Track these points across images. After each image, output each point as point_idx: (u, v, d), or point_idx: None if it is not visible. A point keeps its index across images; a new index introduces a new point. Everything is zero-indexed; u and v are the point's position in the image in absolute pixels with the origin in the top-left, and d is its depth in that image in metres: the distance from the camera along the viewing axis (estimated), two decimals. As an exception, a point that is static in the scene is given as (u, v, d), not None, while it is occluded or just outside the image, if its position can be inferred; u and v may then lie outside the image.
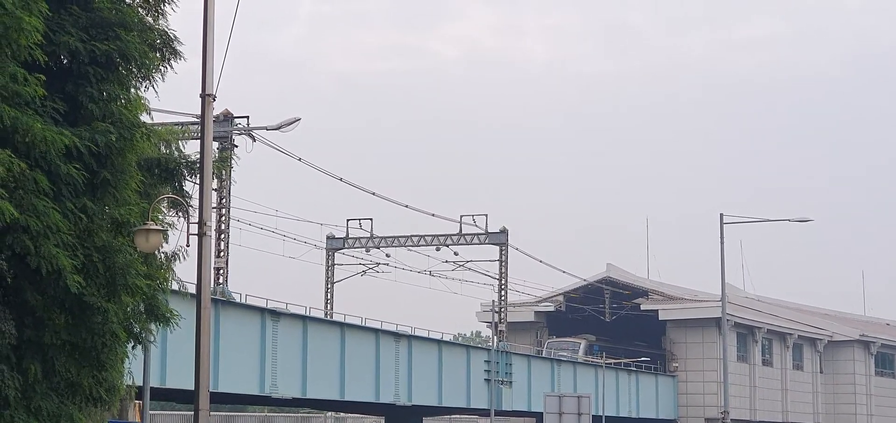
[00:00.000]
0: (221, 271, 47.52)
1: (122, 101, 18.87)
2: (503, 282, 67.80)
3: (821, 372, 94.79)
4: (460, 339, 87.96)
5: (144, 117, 19.95)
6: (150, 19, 19.68)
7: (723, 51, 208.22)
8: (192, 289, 25.01)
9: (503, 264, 67.64)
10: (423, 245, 67.77)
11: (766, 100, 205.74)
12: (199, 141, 21.44)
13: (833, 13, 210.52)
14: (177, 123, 37.91)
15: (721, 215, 53.53)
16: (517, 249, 68.64)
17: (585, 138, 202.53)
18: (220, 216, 47.49)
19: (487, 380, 64.48)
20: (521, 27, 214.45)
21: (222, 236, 47.96)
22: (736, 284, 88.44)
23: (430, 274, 68.74)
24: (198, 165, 22.56)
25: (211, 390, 21.23)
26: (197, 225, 20.57)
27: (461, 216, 67.11)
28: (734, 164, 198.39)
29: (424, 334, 60.74)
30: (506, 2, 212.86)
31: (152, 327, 21.86)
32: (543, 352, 71.28)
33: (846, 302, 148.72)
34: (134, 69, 19.08)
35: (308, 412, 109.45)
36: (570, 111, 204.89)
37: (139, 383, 30.89)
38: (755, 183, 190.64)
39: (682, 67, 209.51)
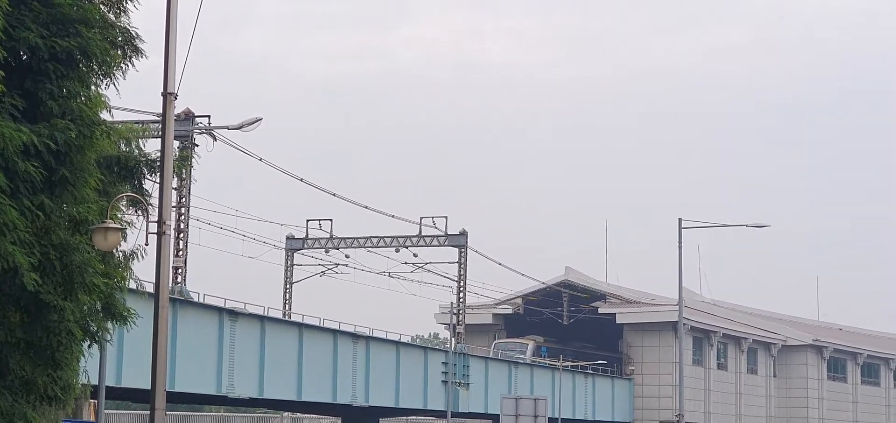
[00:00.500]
0: (180, 271, 47.29)
1: (83, 98, 18.73)
2: (462, 284, 67.88)
3: (774, 376, 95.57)
4: (418, 341, 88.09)
5: (105, 115, 19.81)
6: (111, 16, 19.54)
7: (682, 56, 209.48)
8: (149, 288, 24.89)
9: (462, 266, 67.73)
10: (382, 247, 67.74)
11: (724, 107, 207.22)
12: (159, 139, 21.33)
13: (792, 24, 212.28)
14: (137, 122, 37.67)
15: (679, 219, 53.88)
16: (476, 251, 68.81)
17: (544, 142, 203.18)
18: (180, 215, 47.24)
19: (445, 382, 64.55)
20: (480, 30, 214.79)
21: (181, 235, 47.72)
22: (693, 288, 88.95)
23: (389, 275, 68.77)
24: (158, 164, 22.45)
25: (167, 389, 21.11)
26: (156, 224, 20.46)
27: (421, 218, 67.21)
28: (693, 169, 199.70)
29: (382, 336, 60.74)
30: (466, 5, 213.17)
31: (109, 325, 21.73)
32: (490, 353, 71.32)
33: (800, 307, 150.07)
34: (95, 66, 18.93)
35: (265, 413, 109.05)
36: (530, 114, 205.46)
37: (94, 382, 30.69)
38: (713, 188, 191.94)
39: (641, 72, 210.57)
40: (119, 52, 19.50)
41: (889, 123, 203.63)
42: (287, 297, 67.02)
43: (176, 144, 41.91)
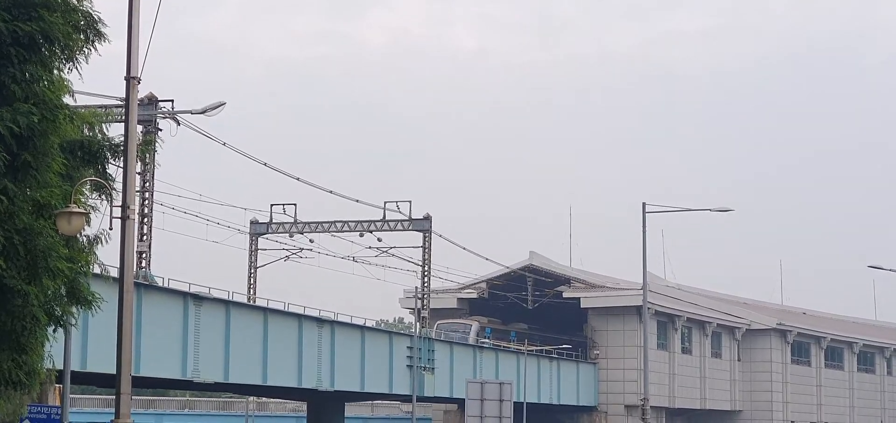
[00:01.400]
0: (144, 255, 47.23)
1: (45, 82, 18.70)
2: (426, 268, 68.04)
3: (739, 360, 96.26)
4: (383, 325, 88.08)
5: (68, 99, 19.78)
6: (74, 0, 19.51)
7: (648, 43, 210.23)
8: (114, 272, 24.87)
9: (426, 250, 67.88)
10: (346, 231, 67.78)
11: (690, 93, 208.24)
12: (123, 124, 21.32)
13: (756, 10, 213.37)
14: (101, 106, 37.61)
15: (643, 203, 54.07)
16: (440, 235, 68.97)
17: (510, 127, 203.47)
18: (144, 200, 47.17)
19: (410, 366, 64.70)
20: (449, 16, 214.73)
21: (145, 219, 47.63)
22: (657, 272, 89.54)
23: (353, 260, 68.85)
24: (121, 149, 22.41)
25: (133, 374, 21.15)
26: (120, 208, 20.46)
27: (385, 203, 67.30)
28: (658, 154, 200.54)
29: (347, 320, 60.81)
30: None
31: (74, 310, 21.71)
32: (433, 334, 71.31)
33: (764, 291, 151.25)
34: (57, 51, 18.90)
35: (230, 397, 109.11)
36: (496, 100, 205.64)
37: (60, 366, 30.60)
38: (678, 173, 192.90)
39: (608, 59, 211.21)
40: (82, 36, 19.47)
41: (851, 105, 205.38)
42: (252, 281, 66.99)
43: (139, 128, 41.79)
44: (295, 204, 67.82)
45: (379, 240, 68.18)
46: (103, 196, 22.70)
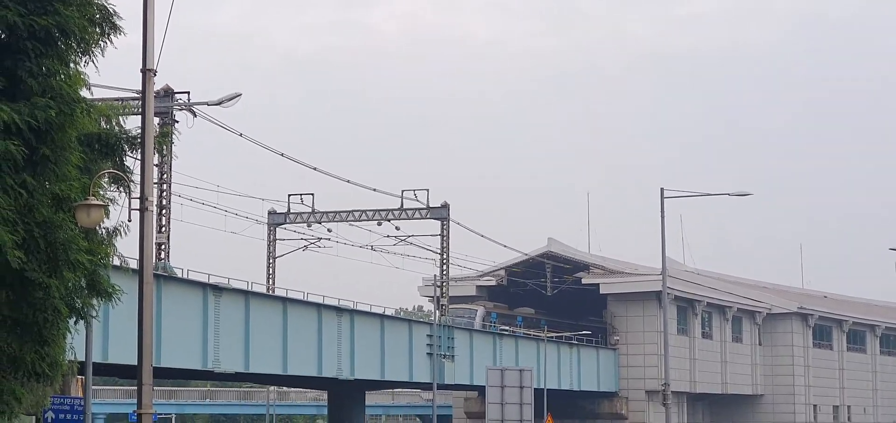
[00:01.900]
0: (163, 247, 47.38)
1: (62, 76, 18.75)
2: (445, 256, 68.05)
3: (760, 344, 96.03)
4: (402, 313, 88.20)
5: (84, 93, 19.82)
6: (89, -6, 19.56)
7: (664, 26, 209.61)
8: (133, 264, 24.99)
9: (445, 238, 67.89)
10: (364, 220, 67.84)
11: (708, 75, 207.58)
12: (140, 116, 21.39)
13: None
14: (117, 99, 37.71)
15: (661, 189, 53.87)
16: (458, 223, 69.01)
17: (526, 113, 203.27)
18: (162, 192, 47.32)
19: (430, 354, 64.76)
20: (460, 3, 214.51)
21: (164, 211, 47.79)
22: (676, 258, 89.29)
23: (371, 249, 68.90)
24: (139, 141, 22.49)
25: (153, 365, 21.25)
26: (138, 200, 20.53)
27: (403, 191, 67.34)
28: (675, 138, 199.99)
29: (366, 309, 60.90)
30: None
31: (94, 302, 21.80)
32: (441, 319, 70.84)
33: (784, 275, 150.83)
34: (73, 44, 18.94)
35: (251, 387, 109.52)
36: (511, 86, 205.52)
37: (81, 358, 30.80)
38: (696, 157, 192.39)
39: (624, 43, 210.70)
40: (97, 29, 19.50)
41: (873, 87, 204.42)
42: (270, 272, 67.13)
43: (156, 120, 41.93)
44: (312, 194, 68.00)
45: (397, 229, 68.25)
46: (121, 188, 22.80)
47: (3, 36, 18.27)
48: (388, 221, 67.85)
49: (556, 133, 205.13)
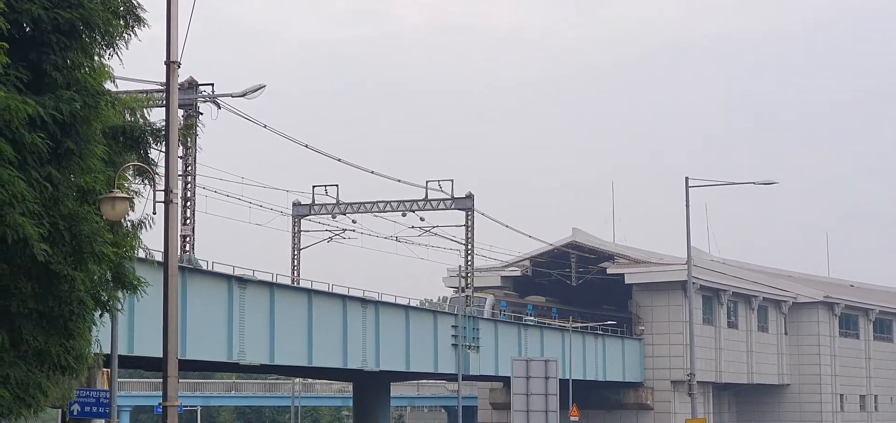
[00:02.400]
0: (188, 239, 47.47)
1: (86, 69, 18.76)
2: (469, 247, 67.99)
3: (786, 334, 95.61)
4: (427, 304, 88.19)
5: (109, 85, 19.83)
6: (113, -14, 19.55)
7: (690, 12, 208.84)
8: (158, 257, 25.02)
9: (469, 229, 67.83)
10: (389, 211, 67.84)
11: (733, 62, 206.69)
12: (164, 109, 21.39)
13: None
14: (141, 91, 37.83)
15: (686, 178, 53.61)
16: (483, 214, 68.95)
17: (551, 103, 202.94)
18: (186, 184, 47.40)
19: (455, 345, 64.74)
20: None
21: (188, 203, 47.87)
22: (701, 247, 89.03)
23: (396, 240, 68.90)
24: (163, 133, 22.50)
25: (179, 357, 21.26)
26: (163, 193, 20.53)
27: (427, 182, 67.29)
28: (699, 126, 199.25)
29: (391, 300, 60.92)
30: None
31: (120, 295, 21.83)
32: (446, 308, 70.49)
33: (810, 264, 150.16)
34: (97, 37, 18.95)
35: (276, 379, 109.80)
36: (536, 75, 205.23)
37: (107, 351, 30.88)
38: (721, 145, 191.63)
39: (649, 30, 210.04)
40: (121, 21, 19.51)
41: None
42: (295, 263, 67.20)
43: (180, 112, 42.01)
44: (337, 185, 68.03)
45: (421, 219, 68.24)
46: (146, 181, 22.82)
47: (27, 29, 18.29)
48: (413, 211, 67.84)
49: (580, 122, 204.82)
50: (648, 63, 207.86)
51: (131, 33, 19.79)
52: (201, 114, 46.83)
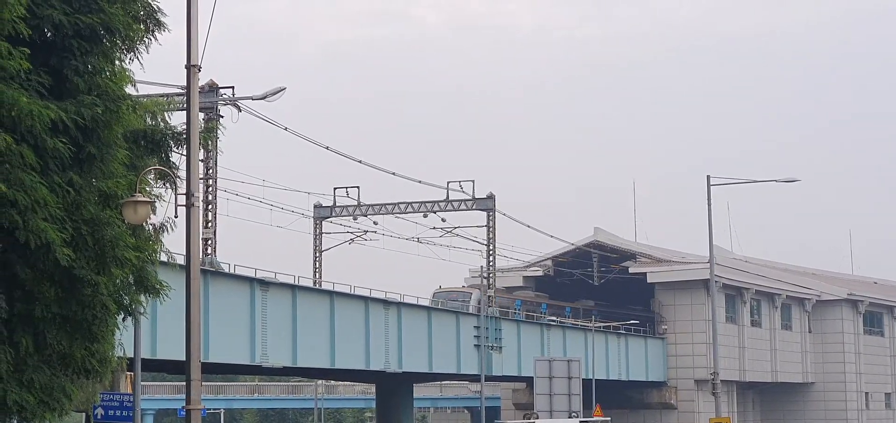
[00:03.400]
0: (209, 242, 47.56)
1: (107, 73, 18.83)
2: (491, 248, 67.93)
3: (809, 332, 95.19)
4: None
5: (130, 89, 19.90)
6: (133, -9, 19.61)
7: (708, 9, 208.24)
8: (180, 260, 25.07)
9: (491, 229, 67.76)
10: (410, 212, 67.83)
11: (752, 59, 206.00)
12: (184, 112, 21.44)
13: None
14: (162, 95, 37.88)
15: (708, 176, 53.38)
16: (504, 214, 68.84)
17: (571, 102, 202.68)
18: (207, 187, 47.50)
19: (477, 346, 64.68)
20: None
21: (210, 206, 47.97)
22: (723, 245, 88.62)
23: (418, 241, 68.86)
24: (184, 137, 22.55)
25: (202, 360, 21.31)
26: (184, 196, 20.58)
27: (448, 183, 67.25)
28: (720, 124, 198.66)
29: (413, 301, 60.89)
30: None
31: (142, 298, 21.90)
32: (430, 302, 70.10)
33: (834, 261, 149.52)
34: (118, 41, 19.03)
35: (299, 381, 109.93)
36: (556, 75, 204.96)
37: (130, 354, 30.97)
38: (742, 143, 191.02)
39: (668, 28, 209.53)
40: (141, 26, 19.58)
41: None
42: (317, 265, 67.26)
43: (201, 116, 42.10)
44: (358, 187, 68.06)
45: (443, 220, 68.21)
46: (167, 184, 22.87)
47: (48, 35, 18.37)
48: (434, 212, 67.80)
49: (602, 121, 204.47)
50: (670, 61, 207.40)
51: (152, 37, 19.87)
52: (222, 117, 46.93)
